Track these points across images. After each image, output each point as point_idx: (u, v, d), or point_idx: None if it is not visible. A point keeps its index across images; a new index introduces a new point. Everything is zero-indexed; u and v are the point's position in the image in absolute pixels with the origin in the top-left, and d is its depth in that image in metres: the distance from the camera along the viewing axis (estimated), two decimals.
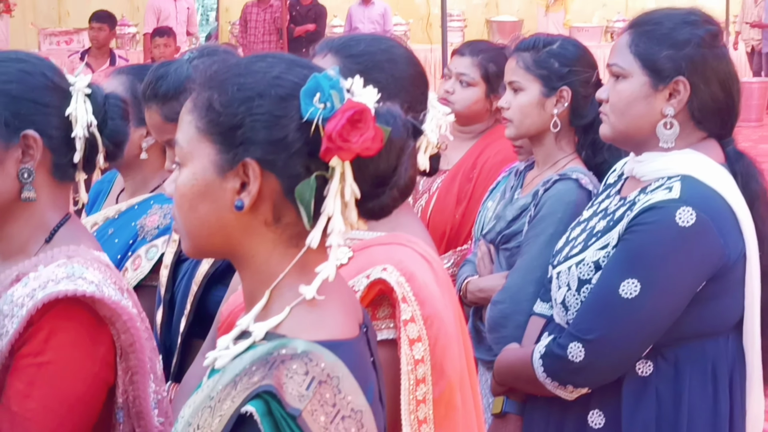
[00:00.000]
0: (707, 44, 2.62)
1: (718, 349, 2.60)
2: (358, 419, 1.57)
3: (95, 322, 1.88)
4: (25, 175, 1.95)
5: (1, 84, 1.96)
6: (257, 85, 1.64)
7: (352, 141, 1.56)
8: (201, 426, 1.59)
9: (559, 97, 3.21)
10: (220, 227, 1.67)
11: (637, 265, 2.50)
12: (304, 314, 1.63)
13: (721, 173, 2.58)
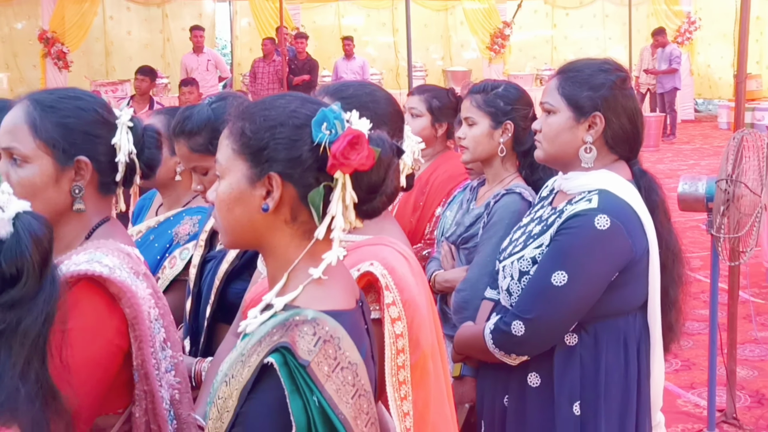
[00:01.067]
0: (618, 87, 2.65)
1: (628, 324, 2.62)
2: (353, 370, 1.62)
3: (109, 298, 1.87)
4: (76, 191, 1.97)
5: (61, 118, 1.96)
6: (279, 116, 1.70)
7: (351, 159, 1.63)
8: (235, 376, 1.62)
9: (504, 129, 3.23)
10: (250, 225, 1.72)
11: (565, 260, 2.52)
12: (313, 290, 1.68)
13: (629, 188, 2.61)
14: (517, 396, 2.66)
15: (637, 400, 2.65)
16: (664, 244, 2.67)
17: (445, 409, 2.19)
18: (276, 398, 1.55)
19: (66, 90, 2.07)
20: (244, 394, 1.59)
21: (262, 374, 1.58)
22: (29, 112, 1.95)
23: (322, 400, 1.55)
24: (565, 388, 2.58)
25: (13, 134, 1.94)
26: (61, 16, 16.05)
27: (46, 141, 1.94)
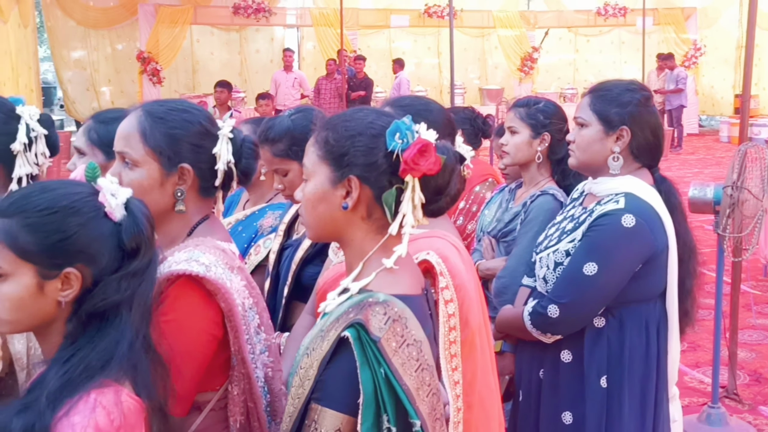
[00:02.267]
0: (642, 104, 2.62)
1: (649, 310, 2.60)
2: (418, 347, 1.60)
3: (205, 293, 1.81)
4: (179, 194, 1.91)
5: (169, 129, 1.90)
6: (358, 127, 1.69)
7: (420, 164, 1.62)
8: (315, 349, 1.62)
9: (542, 139, 3.20)
10: (332, 220, 1.71)
11: (595, 252, 2.50)
12: (384, 277, 1.68)
13: (652, 191, 2.58)
14: (551, 369, 2.65)
15: (657, 375, 2.61)
16: (681, 241, 2.63)
17: (490, 379, 2.18)
18: (350, 368, 1.55)
19: (175, 102, 2.01)
20: (323, 364, 1.59)
21: (339, 347, 1.58)
22: (141, 121, 1.90)
23: (388, 372, 1.53)
24: (593, 364, 2.56)
25: (127, 140, 1.91)
26: (155, 40, 16.21)
27: (154, 149, 1.89)
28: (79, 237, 1.47)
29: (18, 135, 2.17)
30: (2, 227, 1.46)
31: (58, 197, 1.49)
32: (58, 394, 1.39)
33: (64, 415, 1.37)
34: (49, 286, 1.47)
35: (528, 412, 2.71)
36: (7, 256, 1.45)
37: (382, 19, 18.10)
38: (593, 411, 2.54)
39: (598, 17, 19.02)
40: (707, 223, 4.49)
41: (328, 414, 1.56)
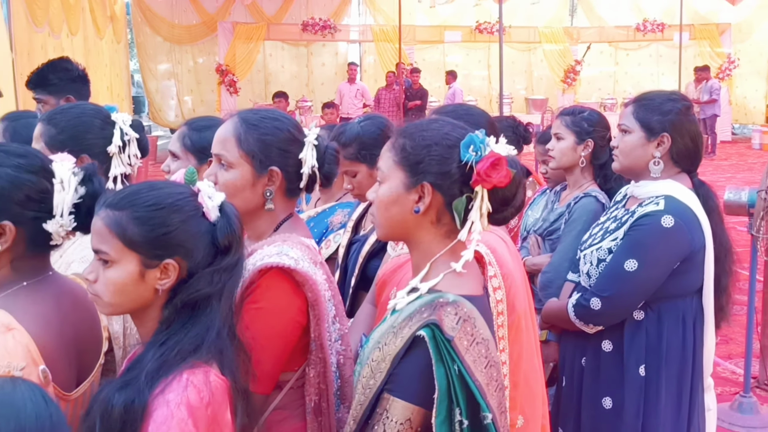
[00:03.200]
0: (683, 113, 2.56)
1: (686, 305, 2.54)
2: (486, 345, 1.58)
3: (294, 284, 1.82)
4: (268, 194, 1.91)
5: (262, 135, 1.90)
6: (434, 137, 1.65)
7: (492, 177, 1.59)
8: (387, 344, 1.59)
9: (585, 145, 3.15)
10: (403, 222, 1.68)
11: (636, 250, 2.46)
12: (451, 279, 1.64)
13: (690, 194, 2.53)
14: (592, 358, 2.61)
15: (693, 366, 2.56)
16: (718, 241, 2.57)
17: (534, 361, 2.16)
18: (424, 364, 1.52)
19: (267, 111, 2.00)
20: (397, 359, 1.56)
21: (414, 344, 1.55)
22: (237, 127, 1.92)
23: (461, 368, 1.51)
24: (633, 354, 2.52)
25: (223, 144, 1.92)
26: (233, 54, 16.38)
27: (248, 152, 1.89)
28: (180, 232, 1.50)
29: (113, 139, 2.20)
30: (113, 219, 1.49)
31: (164, 195, 1.52)
32: (155, 374, 1.42)
33: (160, 393, 1.40)
34: (150, 275, 1.49)
35: (570, 396, 2.68)
36: (116, 245, 1.48)
37: (436, 35, 18.04)
38: (632, 397, 2.50)
39: (637, 32, 18.66)
40: (741, 224, 4.36)
41: (399, 404, 1.54)
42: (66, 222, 1.61)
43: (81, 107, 2.23)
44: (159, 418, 1.37)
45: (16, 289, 1.59)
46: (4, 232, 1.57)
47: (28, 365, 1.50)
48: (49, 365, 1.55)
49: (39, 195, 1.59)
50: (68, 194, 1.61)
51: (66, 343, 1.63)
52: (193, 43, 17.16)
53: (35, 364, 1.52)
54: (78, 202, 1.62)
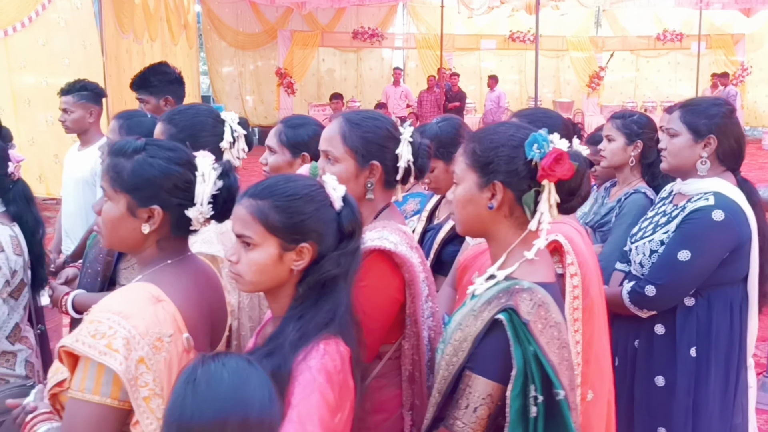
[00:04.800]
0: (727, 116, 2.52)
1: (733, 292, 2.51)
2: (558, 328, 1.59)
3: (393, 265, 1.85)
4: (369, 185, 1.94)
5: (364, 132, 1.93)
6: (501, 139, 1.66)
7: (556, 171, 1.59)
8: (468, 325, 1.60)
9: (635, 146, 3.11)
10: (479, 218, 1.68)
11: (689, 242, 2.42)
12: (526, 267, 1.65)
13: (736, 190, 2.49)
14: (645, 340, 2.58)
15: (739, 347, 2.53)
16: (761, 233, 2.52)
17: (604, 341, 2.15)
18: (502, 345, 1.53)
19: (368, 112, 2.05)
20: (477, 339, 1.57)
21: (492, 327, 1.56)
22: (342, 126, 1.95)
23: (537, 349, 1.51)
24: (685, 337, 2.49)
25: (330, 141, 1.95)
26: (291, 59, 16.45)
27: (352, 148, 1.92)
28: (313, 219, 1.54)
29: (224, 135, 2.24)
30: (256, 207, 1.53)
31: (300, 187, 1.56)
32: (297, 343, 1.47)
33: (302, 360, 1.44)
34: (287, 257, 1.54)
35: (624, 375, 2.64)
36: (259, 230, 1.52)
37: (473, 42, 17.91)
38: (684, 376, 2.48)
39: (657, 41, 18.31)
40: None
41: (480, 381, 1.56)
42: (205, 210, 1.65)
43: (195, 108, 2.28)
44: (303, 381, 1.42)
45: (162, 266, 1.64)
46: (153, 215, 1.62)
47: (175, 333, 1.55)
48: (191, 334, 1.60)
49: (184, 184, 1.64)
50: (208, 186, 1.64)
51: (203, 315, 1.68)
52: (255, 49, 17.24)
53: (180, 332, 1.57)
54: (216, 193, 1.66)
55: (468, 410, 1.55)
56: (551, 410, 1.52)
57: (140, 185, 1.60)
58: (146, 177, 1.60)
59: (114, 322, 1.47)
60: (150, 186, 1.60)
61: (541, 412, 1.51)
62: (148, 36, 11.63)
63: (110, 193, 1.62)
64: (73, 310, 2.50)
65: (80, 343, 1.47)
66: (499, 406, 1.55)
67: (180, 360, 1.55)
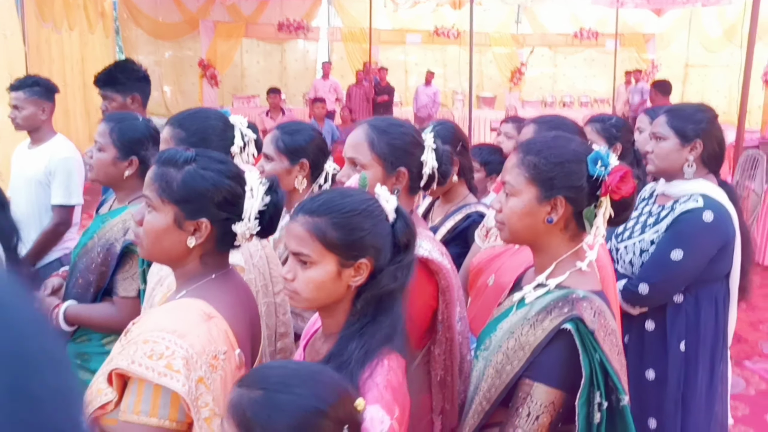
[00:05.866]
0: (711, 122, 2.62)
1: (717, 288, 2.62)
2: (615, 335, 1.60)
3: (428, 272, 1.85)
4: (395, 192, 1.86)
5: (390, 139, 1.92)
6: (564, 154, 1.65)
7: (622, 189, 1.61)
8: (523, 334, 1.59)
9: (614, 149, 3.13)
10: (533, 230, 1.68)
11: (681, 242, 2.51)
12: (577, 277, 1.66)
13: (720, 192, 2.60)
14: (636, 336, 2.66)
15: (722, 340, 2.65)
16: (743, 231, 2.65)
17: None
18: (567, 354, 1.54)
19: (392, 119, 2.04)
20: (539, 349, 1.56)
21: (557, 336, 1.56)
22: (368, 133, 1.93)
23: (602, 357, 1.53)
24: (674, 333, 2.58)
25: (356, 148, 1.93)
26: (214, 50, 16.08)
27: (380, 155, 1.92)
28: (372, 235, 1.49)
29: (235, 140, 2.17)
30: (313, 224, 1.47)
31: (357, 202, 1.51)
32: (363, 360, 1.43)
33: (369, 377, 1.40)
34: (345, 273, 1.49)
35: None
36: (317, 248, 1.47)
37: (399, 37, 18.01)
38: (674, 369, 2.58)
39: (574, 39, 18.94)
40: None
41: (542, 389, 1.55)
42: (252, 225, 1.60)
43: (205, 112, 2.19)
44: (371, 399, 1.39)
45: (207, 281, 1.58)
46: (200, 228, 1.55)
47: (228, 350, 1.49)
48: (240, 349, 1.54)
49: (234, 199, 1.57)
50: (257, 201, 1.59)
51: (248, 329, 1.62)
52: (175, 39, 16.72)
53: (233, 348, 1.51)
54: (263, 209, 1.61)
55: (530, 418, 1.55)
56: (612, 416, 1.54)
57: (190, 197, 1.53)
58: (197, 189, 1.54)
59: (170, 341, 1.41)
60: (200, 199, 1.54)
61: (604, 418, 1.53)
62: (67, 25, 11.10)
63: (156, 203, 1.54)
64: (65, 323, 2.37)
65: (137, 365, 1.39)
66: (559, 413, 1.57)
67: (233, 377, 1.50)
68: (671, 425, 2.59)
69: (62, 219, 3.69)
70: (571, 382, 1.53)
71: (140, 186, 2.46)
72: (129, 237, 2.31)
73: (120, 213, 2.42)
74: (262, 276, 2.03)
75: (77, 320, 2.37)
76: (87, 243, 2.41)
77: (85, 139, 12.13)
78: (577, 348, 1.53)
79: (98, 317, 2.37)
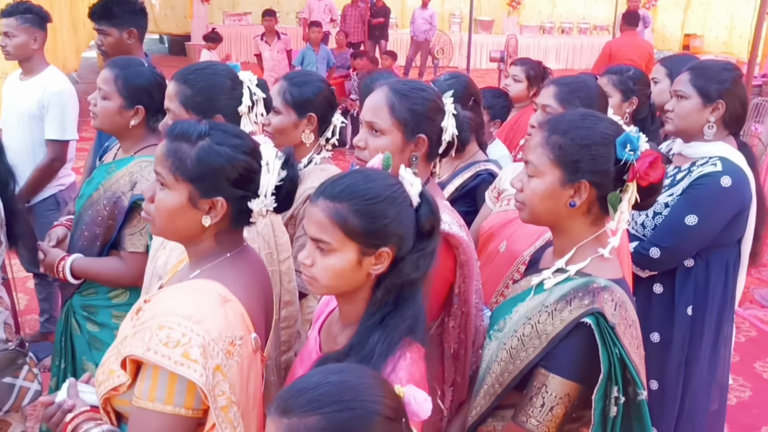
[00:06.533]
0: (736, 82, 2.54)
1: (729, 252, 2.59)
2: (635, 326, 1.58)
3: (446, 246, 1.80)
4: (414, 159, 1.87)
5: (412, 104, 1.84)
6: (590, 136, 1.59)
7: (651, 175, 1.55)
8: (540, 322, 1.57)
9: (630, 102, 3.11)
10: (555, 213, 1.63)
11: (697, 206, 2.46)
12: (599, 263, 1.61)
13: (739, 155, 2.53)
14: (643, 299, 2.63)
15: (729, 305, 2.64)
16: (759, 196, 2.60)
17: None
18: (586, 347, 1.51)
19: (414, 82, 1.94)
20: (557, 339, 1.54)
21: (576, 329, 1.52)
22: (389, 96, 1.85)
23: (622, 351, 1.50)
24: (683, 297, 2.57)
25: (375, 112, 1.85)
26: None
27: (400, 120, 1.84)
28: (395, 223, 1.42)
29: (243, 99, 2.06)
30: (335, 210, 1.40)
31: (381, 188, 1.42)
32: (385, 354, 1.38)
33: (392, 371, 1.36)
34: (366, 261, 1.43)
35: None
36: (337, 235, 1.40)
37: None
38: (679, 333, 2.58)
39: None
40: None
41: (558, 380, 1.54)
42: (269, 202, 1.52)
43: (212, 68, 2.07)
44: None
45: (221, 260, 1.52)
46: (215, 207, 1.48)
47: (245, 334, 1.45)
48: (255, 331, 1.50)
49: (250, 175, 1.49)
50: (273, 176, 1.51)
51: (263, 310, 1.58)
52: None
53: (249, 332, 1.47)
54: (279, 184, 1.53)
55: (544, 409, 1.54)
56: (629, 410, 1.53)
57: (205, 175, 1.45)
58: (212, 166, 1.45)
59: (186, 328, 1.36)
60: (216, 176, 1.46)
61: (620, 411, 1.52)
62: None
63: (170, 181, 1.46)
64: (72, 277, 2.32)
65: (152, 353, 1.35)
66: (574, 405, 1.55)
67: (249, 362, 1.46)
68: (672, 388, 2.61)
69: (57, 154, 3.59)
70: (588, 375, 1.51)
71: (147, 135, 2.41)
72: (137, 191, 2.24)
73: (126, 164, 2.34)
74: (267, 244, 1.98)
75: (84, 274, 2.32)
76: (92, 194, 2.34)
77: (72, 56, 11.78)
78: (596, 342, 1.50)
79: (106, 272, 2.32)
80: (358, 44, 12.88)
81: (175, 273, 1.67)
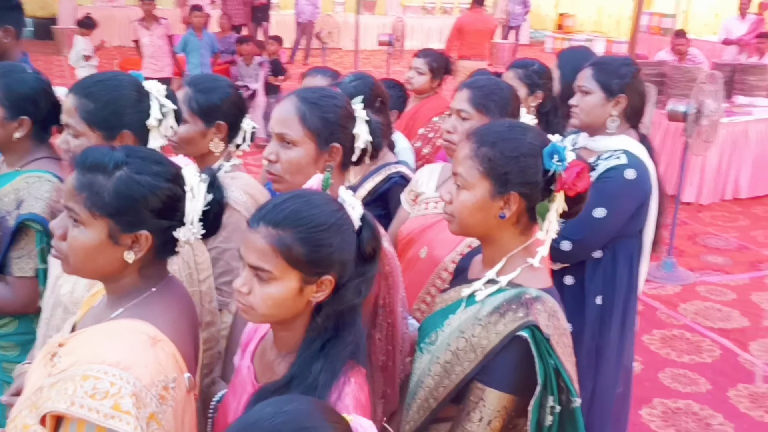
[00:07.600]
0: (635, 76, 2.63)
1: (632, 243, 2.67)
2: (566, 335, 1.60)
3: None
4: (329, 169, 1.81)
5: (323, 113, 1.80)
6: (519, 147, 1.59)
7: (578, 185, 1.57)
8: (475, 335, 1.56)
9: (535, 96, 3.16)
10: (485, 224, 1.63)
11: (604, 199, 2.50)
12: (529, 273, 1.62)
13: (642, 148, 2.63)
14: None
15: (633, 293, 2.74)
16: (659, 187, 2.70)
17: None
18: (522, 360, 1.51)
19: (323, 89, 1.89)
20: (492, 354, 1.54)
21: (511, 342, 1.53)
22: (299, 106, 1.78)
23: (557, 362, 1.52)
24: (592, 287, 2.64)
25: (285, 123, 1.78)
26: None
27: (312, 130, 1.78)
28: (339, 250, 1.37)
29: (152, 112, 1.91)
30: (277, 238, 1.33)
31: (326, 215, 1.37)
32: (329, 382, 1.34)
33: (338, 399, 1.33)
34: (307, 289, 1.37)
35: None
36: (279, 264, 1.33)
37: None
38: (590, 323, 2.65)
39: None
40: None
41: (495, 394, 1.54)
42: (196, 229, 1.42)
43: (115, 78, 1.90)
44: None
45: (146, 295, 1.41)
46: (139, 241, 1.37)
47: (177, 375, 1.36)
48: (188, 369, 1.41)
49: (174, 203, 1.39)
50: (198, 201, 1.41)
51: (192, 345, 1.48)
52: None
53: (182, 372, 1.38)
54: (206, 209, 1.43)
55: (482, 423, 1.54)
56: (563, 416, 1.55)
57: (126, 208, 1.33)
58: (133, 198, 1.33)
59: (115, 376, 1.25)
60: (137, 209, 1.34)
61: (556, 420, 1.54)
62: None
63: (85, 217, 1.33)
64: None
65: (77, 407, 1.23)
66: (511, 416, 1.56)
67: (184, 404, 1.37)
68: (585, 376, 2.68)
69: None
70: (524, 386, 1.53)
71: (33, 148, 2.20)
72: (24, 210, 2.05)
73: (11, 180, 2.13)
74: (187, 264, 1.86)
75: None
76: None
77: None
78: (531, 354, 1.51)
79: None
80: (239, 27, 12.51)
81: (89, 308, 1.54)
